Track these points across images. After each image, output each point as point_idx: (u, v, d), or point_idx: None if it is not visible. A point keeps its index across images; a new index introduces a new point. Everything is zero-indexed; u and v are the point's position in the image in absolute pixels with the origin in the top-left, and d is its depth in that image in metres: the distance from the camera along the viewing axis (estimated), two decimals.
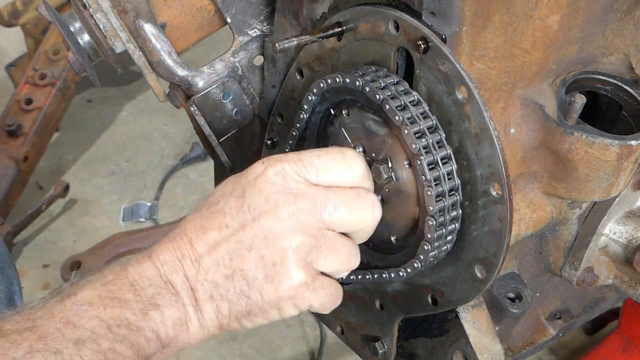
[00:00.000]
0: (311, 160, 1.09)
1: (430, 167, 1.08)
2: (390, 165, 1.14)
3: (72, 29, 1.38)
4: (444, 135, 1.09)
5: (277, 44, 1.17)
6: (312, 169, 1.08)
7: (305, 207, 1.06)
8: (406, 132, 1.08)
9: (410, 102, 1.09)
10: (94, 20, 1.35)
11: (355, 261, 1.13)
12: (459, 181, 1.10)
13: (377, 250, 1.24)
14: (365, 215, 1.10)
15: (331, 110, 1.22)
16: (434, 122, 1.09)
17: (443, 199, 1.09)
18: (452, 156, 1.10)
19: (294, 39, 1.18)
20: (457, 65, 1.04)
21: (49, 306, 1.01)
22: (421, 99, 1.10)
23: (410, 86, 1.12)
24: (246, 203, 1.06)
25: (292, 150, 1.27)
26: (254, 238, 1.06)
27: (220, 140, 1.44)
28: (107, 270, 1.06)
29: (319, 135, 1.26)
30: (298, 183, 1.07)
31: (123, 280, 1.04)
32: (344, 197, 1.08)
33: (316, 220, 1.07)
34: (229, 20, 1.40)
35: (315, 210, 1.07)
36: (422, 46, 1.07)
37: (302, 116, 1.23)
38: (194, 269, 1.07)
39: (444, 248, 1.15)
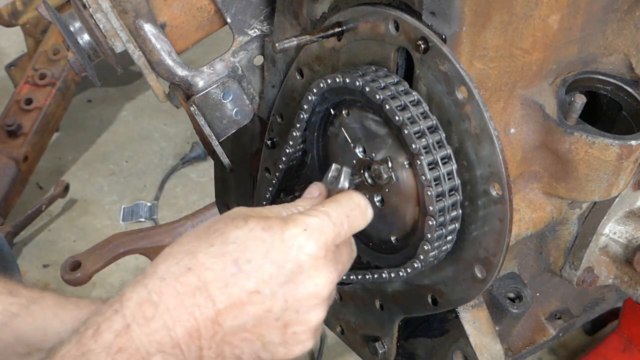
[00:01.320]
0: (343, 226, 1.07)
1: (430, 167, 1.08)
2: (390, 165, 1.14)
3: (72, 29, 1.38)
4: (444, 135, 1.09)
5: (277, 44, 1.17)
6: (343, 235, 1.07)
7: (333, 280, 1.05)
8: (406, 132, 1.08)
9: (410, 102, 1.09)
10: (94, 20, 1.35)
11: None
12: (459, 181, 1.10)
13: (377, 250, 1.24)
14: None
15: (331, 110, 1.22)
16: (434, 122, 1.09)
17: (443, 199, 1.09)
18: (452, 156, 1.10)
19: (294, 39, 1.18)
20: (457, 65, 1.04)
21: None
22: (421, 99, 1.10)
23: (410, 86, 1.12)
24: (285, 274, 1.01)
25: (292, 149, 1.27)
26: (285, 310, 1.02)
27: (220, 140, 1.44)
28: (112, 332, 0.95)
29: (319, 135, 1.26)
30: (333, 256, 1.06)
31: (130, 348, 0.95)
32: (349, 259, 1.11)
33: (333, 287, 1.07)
34: (229, 20, 1.40)
35: (335, 279, 1.07)
36: (422, 46, 1.07)
37: (302, 116, 1.23)
38: (211, 331, 0.99)
39: (444, 248, 1.15)
